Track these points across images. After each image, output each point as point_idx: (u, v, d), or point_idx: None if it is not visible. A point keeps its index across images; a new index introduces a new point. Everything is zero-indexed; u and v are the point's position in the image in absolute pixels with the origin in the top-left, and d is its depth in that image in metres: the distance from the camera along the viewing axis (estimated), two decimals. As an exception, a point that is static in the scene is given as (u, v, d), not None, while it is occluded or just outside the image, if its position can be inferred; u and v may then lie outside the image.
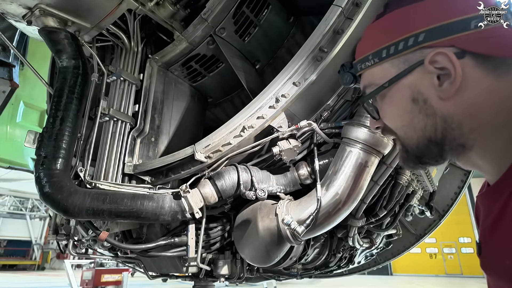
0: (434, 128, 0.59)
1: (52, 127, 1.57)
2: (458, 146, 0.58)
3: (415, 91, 0.60)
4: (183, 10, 2.19)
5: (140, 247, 1.71)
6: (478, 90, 0.55)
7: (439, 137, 0.59)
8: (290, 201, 1.58)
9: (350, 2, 1.47)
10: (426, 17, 0.59)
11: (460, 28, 0.56)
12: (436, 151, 0.61)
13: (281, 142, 1.53)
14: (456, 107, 0.57)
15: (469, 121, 0.56)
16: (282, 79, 1.52)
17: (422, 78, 0.59)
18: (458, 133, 0.57)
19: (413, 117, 0.61)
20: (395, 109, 0.64)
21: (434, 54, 0.57)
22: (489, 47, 0.55)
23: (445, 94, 0.57)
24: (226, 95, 2.63)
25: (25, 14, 1.72)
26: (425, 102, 0.59)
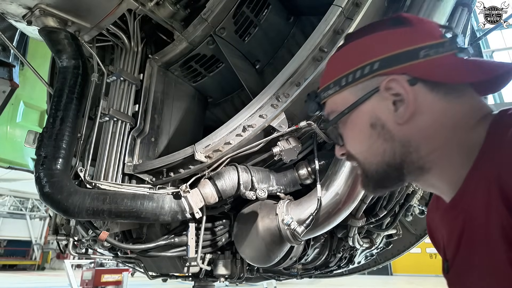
0: (392, 153, 0.61)
1: (52, 127, 1.57)
2: (416, 169, 0.61)
3: (373, 117, 0.63)
4: (183, 10, 2.19)
5: (140, 247, 1.71)
6: (432, 114, 0.59)
7: (398, 162, 0.61)
8: (290, 201, 1.58)
9: (350, 2, 1.47)
10: (380, 47, 0.63)
11: (410, 57, 0.59)
12: (395, 175, 0.63)
13: (281, 142, 1.53)
14: (412, 131, 0.59)
15: (426, 144, 0.59)
16: (282, 79, 1.51)
17: (379, 104, 0.62)
18: (416, 157, 0.60)
19: (373, 143, 0.63)
20: (356, 134, 0.66)
21: (388, 81, 0.60)
22: (437, 75, 0.59)
23: (400, 119, 0.60)
24: (226, 95, 2.63)
25: (25, 14, 1.72)
26: (383, 127, 0.62)
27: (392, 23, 0.63)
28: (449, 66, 0.59)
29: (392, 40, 0.62)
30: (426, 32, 0.61)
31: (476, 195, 0.51)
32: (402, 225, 2.89)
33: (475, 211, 0.51)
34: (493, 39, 12.18)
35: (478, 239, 0.51)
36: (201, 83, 2.46)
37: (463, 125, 0.57)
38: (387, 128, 0.61)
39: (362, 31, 0.67)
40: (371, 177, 0.66)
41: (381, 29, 0.64)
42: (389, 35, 0.63)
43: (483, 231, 0.49)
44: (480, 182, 0.50)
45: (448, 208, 0.59)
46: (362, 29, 0.68)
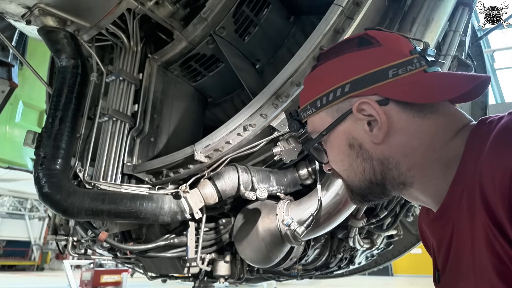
0: (373, 171, 0.62)
1: (51, 127, 1.57)
2: (399, 184, 0.61)
3: (350, 137, 0.64)
4: (182, 9, 2.18)
5: (140, 248, 1.70)
6: (406, 132, 0.59)
7: (379, 178, 0.62)
8: (291, 201, 1.58)
9: (351, 1, 1.47)
10: (350, 68, 0.63)
11: (380, 78, 0.60)
12: (379, 191, 0.64)
13: (281, 142, 1.52)
14: (390, 149, 0.60)
15: (405, 160, 0.59)
16: (282, 78, 1.51)
17: (354, 125, 0.63)
18: (396, 173, 0.60)
19: (352, 162, 0.64)
20: (336, 154, 0.67)
21: (359, 103, 0.60)
22: (407, 95, 0.59)
23: (376, 139, 0.60)
24: (226, 95, 2.62)
25: (24, 13, 1.71)
26: (360, 147, 0.63)
27: (360, 44, 0.64)
28: (419, 85, 0.58)
29: (360, 61, 0.62)
30: (393, 50, 0.61)
31: (461, 204, 0.50)
32: (403, 226, 2.88)
33: (461, 220, 0.51)
34: (494, 39, 12.19)
35: (464, 248, 0.50)
36: (200, 82, 2.45)
37: (440, 140, 0.57)
38: (365, 147, 0.62)
39: (333, 52, 0.68)
40: (356, 192, 0.67)
41: (350, 50, 0.64)
42: (358, 56, 0.63)
43: (469, 240, 0.49)
44: (464, 192, 0.50)
45: (435, 218, 0.59)
46: (333, 49, 0.69)
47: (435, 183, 0.57)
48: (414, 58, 0.59)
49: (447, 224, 0.55)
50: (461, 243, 0.51)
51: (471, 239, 0.48)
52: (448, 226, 0.55)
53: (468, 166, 0.50)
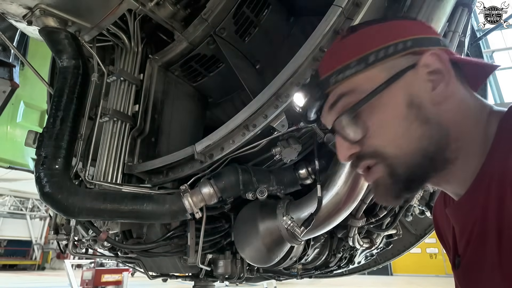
0: (430, 137, 0.55)
1: (52, 127, 1.57)
2: (443, 161, 0.55)
3: (409, 95, 0.56)
4: (183, 10, 2.19)
5: (140, 247, 1.71)
6: (460, 97, 0.58)
7: (433, 150, 0.55)
8: (290, 201, 1.58)
9: (351, 2, 1.47)
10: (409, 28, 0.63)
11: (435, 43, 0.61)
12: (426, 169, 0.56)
13: (281, 142, 1.53)
14: (445, 113, 0.56)
15: (454, 128, 0.55)
16: (282, 79, 1.51)
17: (415, 82, 0.57)
18: (445, 143, 0.55)
19: (410, 125, 0.55)
20: (390, 117, 0.57)
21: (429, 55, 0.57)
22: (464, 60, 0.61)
23: (438, 97, 0.55)
24: (226, 95, 2.63)
25: (26, 14, 1.72)
26: (419, 108, 0.56)
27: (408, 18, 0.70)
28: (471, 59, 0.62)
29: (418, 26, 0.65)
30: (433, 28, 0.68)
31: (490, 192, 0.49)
32: (402, 225, 2.89)
33: (488, 209, 0.50)
34: (494, 39, 12.17)
35: (489, 240, 0.50)
36: (201, 83, 2.46)
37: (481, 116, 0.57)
38: (424, 108, 0.55)
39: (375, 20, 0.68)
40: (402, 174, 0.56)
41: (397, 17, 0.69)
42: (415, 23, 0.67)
43: (495, 232, 0.48)
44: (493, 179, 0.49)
45: (461, 202, 0.58)
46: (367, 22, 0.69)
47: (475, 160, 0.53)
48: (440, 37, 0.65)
49: (473, 210, 0.53)
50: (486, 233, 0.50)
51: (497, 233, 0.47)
52: (474, 212, 0.53)
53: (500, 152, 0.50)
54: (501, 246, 0.47)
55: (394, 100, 0.57)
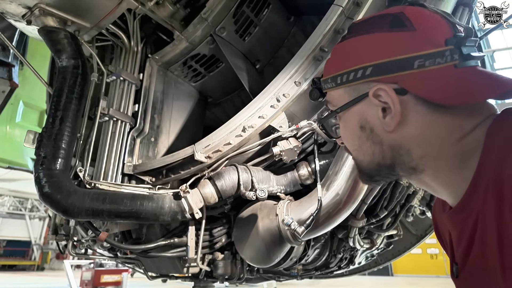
0: (382, 155, 0.62)
1: (51, 127, 1.57)
2: (409, 168, 0.60)
3: (362, 119, 0.63)
4: (183, 9, 2.18)
5: (140, 248, 1.70)
6: (423, 125, 0.57)
7: (388, 163, 0.62)
8: (291, 201, 1.58)
9: (351, 1, 1.47)
10: (376, 50, 0.60)
11: (403, 67, 0.57)
12: (387, 172, 0.64)
13: (282, 142, 1.52)
14: (402, 138, 0.59)
15: (417, 149, 0.58)
16: (282, 78, 1.51)
17: (369, 108, 0.61)
18: (407, 159, 0.59)
19: (362, 144, 0.64)
20: (348, 132, 0.67)
21: (375, 89, 0.59)
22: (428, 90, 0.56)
23: (387, 127, 0.59)
24: (226, 95, 2.63)
25: (25, 13, 1.71)
26: (371, 131, 0.62)
27: (393, 24, 0.59)
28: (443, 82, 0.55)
29: (388, 44, 0.59)
30: (426, 37, 0.56)
31: (486, 197, 0.49)
32: (403, 226, 2.88)
33: (486, 214, 0.49)
34: (494, 39, 12.18)
35: (490, 245, 0.49)
36: (201, 83, 2.45)
37: (458, 133, 0.55)
38: (376, 132, 0.61)
39: (364, 26, 0.65)
40: (363, 171, 0.68)
41: (381, 29, 0.61)
42: (387, 38, 0.59)
43: (495, 237, 0.48)
44: (489, 185, 0.49)
45: (457, 209, 0.57)
46: (365, 23, 0.66)
47: (450, 173, 0.56)
48: (447, 50, 0.54)
49: (470, 217, 0.53)
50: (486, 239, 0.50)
51: (497, 238, 0.47)
52: (471, 218, 0.53)
53: (492, 158, 0.49)
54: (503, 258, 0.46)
55: (351, 121, 0.66)
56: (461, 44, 0.55)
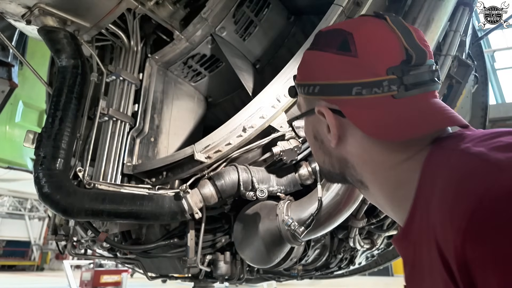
0: (331, 165, 0.67)
1: (51, 127, 1.56)
2: (357, 181, 0.64)
3: (315, 130, 0.68)
4: (182, 9, 2.18)
5: (140, 248, 1.70)
6: (359, 146, 0.60)
7: (337, 172, 0.66)
8: (291, 201, 1.57)
9: (351, 1, 1.47)
10: (324, 71, 0.62)
11: (343, 92, 0.58)
12: (339, 179, 0.68)
13: (282, 142, 1.52)
14: (345, 154, 0.63)
15: (358, 167, 0.62)
16: (282, 78, 1.51)
17: (319, 122, 0.65)
18: (354, 172, 0.63)
19: (316, 151, 0.70)
20: (307, 137, 0.73)
21: (318, 109, 0.62)
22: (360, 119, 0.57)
23: (330, 143, 0.63)
24: (226, 94, 2.62)
25: (24, 13, 1.71)
26: (322, 142, 0.67)
27: (340, 47, 0.60)
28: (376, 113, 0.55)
29: (333, 67, 0.60)
30: (367, 65, 0.56)
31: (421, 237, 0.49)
32: (403, 226, 2.87)
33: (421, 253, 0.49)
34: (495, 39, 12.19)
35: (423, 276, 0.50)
36: (200, 82, 2.45)
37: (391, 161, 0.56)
38: (325, 144, 0.66)
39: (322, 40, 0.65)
40: (321, 171, 0.75)
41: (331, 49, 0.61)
42: (333, 60, 0.60)
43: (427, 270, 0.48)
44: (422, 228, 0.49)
45: (399, 238, 0.58)
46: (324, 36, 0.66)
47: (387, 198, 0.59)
48: (385, 80, 0.54)
49: (409, 247, 0.54)
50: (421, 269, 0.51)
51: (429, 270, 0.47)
52: (410, 249, 0.54)
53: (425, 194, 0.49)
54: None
55: (307, 129, 0.71)
56: (404, 73, 0.54)
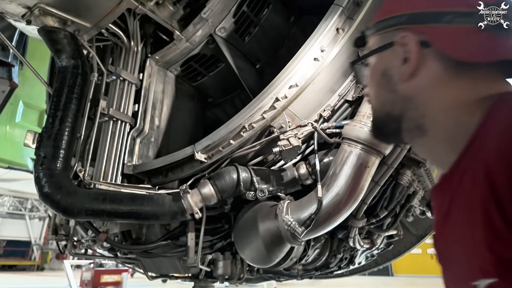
0: (393, 104, 0.65)
1: (51, 127, 1.57)
2: (415, 128, 0.62)
3: (385, 66, 0.66)
4: (183, 9, 2.18)
5: (140, 248, 1.70)
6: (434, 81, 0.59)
7: (397, 114, 0.64)
8: (290, 201, 1.57)
9: (351, 1, 1.47)
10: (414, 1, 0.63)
11: (432, 19, 0.59)
12: (394, 126, 0.65)
13: (282, 142, 1.52)
14: (413, 90, 0.61)
15: (423, 105, 0.60)
16: (282, 79, 1.51)
17: (393, 56, 0.64)
18: (415, 114, 0.61)
19: (380, 89, 0.68)
20: (372, 79, 0.71)
21: (401, 37, 0.62)
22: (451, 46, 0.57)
23: (401, 76, 0.62)
24: (226, 95, 2.62)
25: (25, 13, 1.71)
26: (390, 79, 0.65)
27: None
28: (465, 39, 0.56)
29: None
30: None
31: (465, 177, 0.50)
32: (403, 226, 2.88)
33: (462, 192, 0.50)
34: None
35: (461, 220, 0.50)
36: (201, 83, 2.45)
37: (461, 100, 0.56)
38: (393, 80, 0.64)
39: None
40: (374, 122, 0.72)
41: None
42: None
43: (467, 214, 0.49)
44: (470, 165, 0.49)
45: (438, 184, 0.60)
46: None
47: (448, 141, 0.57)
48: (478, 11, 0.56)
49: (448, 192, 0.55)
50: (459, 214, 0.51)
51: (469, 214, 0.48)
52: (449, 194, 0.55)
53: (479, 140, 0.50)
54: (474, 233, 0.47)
55: (375, 67, 0.69)
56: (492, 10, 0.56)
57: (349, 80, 1.62)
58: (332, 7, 1.48)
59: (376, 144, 1.43)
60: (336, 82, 1.59)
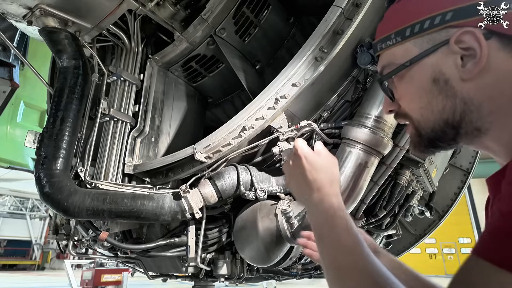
0: (452, 110, 0.59)
1: (52, 127, 1.58)
2: (474, 129, 0.58)
3: (436, 71, 0.60)
4: (183, 10, 2.19)
5: (140, 247, 1.71)
6: (500, 73, 0.55)
7: (457, 120, 0.59)
8: (290, 201, 1.58)
9: (350, 2, 1.47)
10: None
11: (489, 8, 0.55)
12: (452, 134, 0.60)
13: (281, 142, 1.53)
14: (477, 89, 0.56)
15: (488, 103, 0.56)
16: (282, 79, 1.52)
17: (446, 58, 0.59)
18: (476, 116, 0.57)
19: (432, 98, 0.61)
20: (414, 89, 0.63)
21: (461, 34, 0.56)
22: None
23: (467, 75, 0.56)
24: (226, 95, 2.63)
25: (26, 14, 1.72)
26: (446, 83, 0.59)
27: None
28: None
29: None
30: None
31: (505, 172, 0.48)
32: (402, 226, 2.89)
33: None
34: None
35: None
36: (201, 83, 2.46)
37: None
38: (451, 84, 0.58)
39: None
40: (425, 136, 0.64)
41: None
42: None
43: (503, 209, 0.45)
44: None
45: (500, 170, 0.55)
46: None
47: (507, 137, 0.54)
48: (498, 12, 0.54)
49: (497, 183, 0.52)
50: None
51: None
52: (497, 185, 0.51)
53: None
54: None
55: (421, 75, 0.62)
56: None
57: (348, 81, 1.63)
58: (331, 8, 1.48)
59: (375, 144, 1.44)
60: (336, 83, 1.60)
